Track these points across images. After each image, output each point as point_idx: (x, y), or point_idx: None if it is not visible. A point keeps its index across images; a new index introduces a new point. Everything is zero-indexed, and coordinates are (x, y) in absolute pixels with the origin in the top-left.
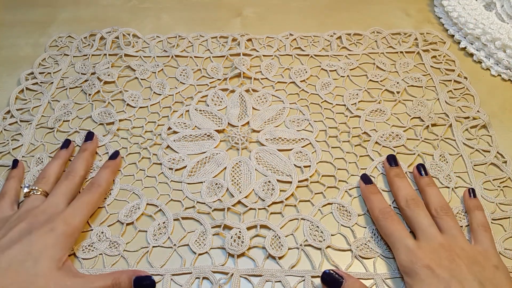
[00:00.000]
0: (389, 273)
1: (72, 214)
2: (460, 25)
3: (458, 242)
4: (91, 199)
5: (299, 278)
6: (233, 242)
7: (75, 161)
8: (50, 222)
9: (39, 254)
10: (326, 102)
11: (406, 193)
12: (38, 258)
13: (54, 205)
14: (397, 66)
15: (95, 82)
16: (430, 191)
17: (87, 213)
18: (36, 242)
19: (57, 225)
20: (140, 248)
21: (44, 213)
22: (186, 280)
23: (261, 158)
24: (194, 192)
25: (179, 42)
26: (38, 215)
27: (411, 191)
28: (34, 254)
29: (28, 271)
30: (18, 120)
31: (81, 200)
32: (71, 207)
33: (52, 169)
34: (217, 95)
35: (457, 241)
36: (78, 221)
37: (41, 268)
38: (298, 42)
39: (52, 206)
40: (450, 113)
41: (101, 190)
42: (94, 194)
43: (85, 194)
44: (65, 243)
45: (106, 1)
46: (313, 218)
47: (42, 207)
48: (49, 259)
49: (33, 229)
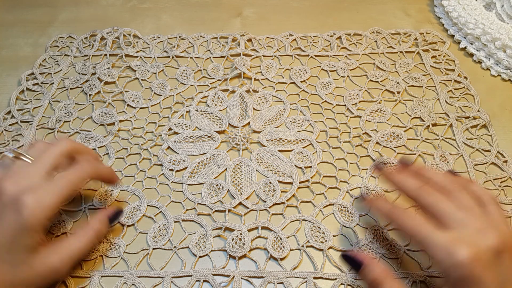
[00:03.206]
0: None
1: (47, 192)
2: (460, 25)
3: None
4: (76, 179)
5: (301, 279)
6: (235, 244)
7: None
8: (18, 199)
9: (10, 243)
10: (326, 103)
11: (412, 183)
12: (10, 249)
13: (29, 173)
14: (397, 66)
15: (95, 83)
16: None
17: (66, 194)
18: (5, 230)
19: (25, 205)
20: (140, 250)
21: (15, 181)
22: (187, 283)
23: (262, 159)
24: (194, 193)
25: (179, 43)
26: (7, 183)
27: (416, 181)
28: (4, 244)
29: (5, 263)
30: (18, 120)
31: (64, 178)
32: (49, 183)
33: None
34: (217, 95)
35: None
36: (53, 201)
37: (18, 257)
38: (298, 42)
39: (27, 174)
40: (450, 113)
41: (91, 172)
42: (81, 173)
43: (71, 172)
44: (35, 226)
45: (106, 1)
46: (315, 219)
47: (14, 173)
48: (22, 247)
49: (1, 211)
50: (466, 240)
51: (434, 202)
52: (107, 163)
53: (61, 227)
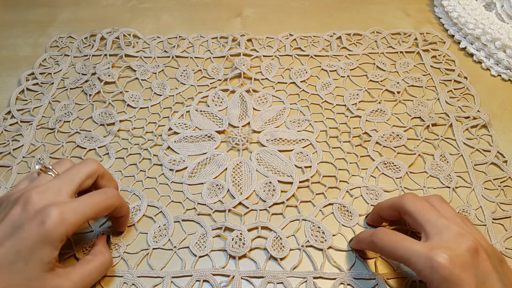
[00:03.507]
0: (390, 273)
1: (72, 209)
2: (460, 25)
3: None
4: (102, 203)
5: (301, 279)
6: (235, 244)
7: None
8: (43, 212)
9: (29, 254)
10: (326, 103)
11: (392, 199)
12: (29, 260)
13: (56, 189)
14: (397, 66)
15: (95, 83)
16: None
17: (89, 215)
18: (25, 239)
19: (50, 218)
20: (140, 250)
21: (42, 195)
22: (187, 283)
23: (262, 159)
24: (194, 193)
25: (179, 43)
26: (34, 196)
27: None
28: (24, 254)
29: (20, 273)
30: (18, 120)
31: (91, 198)
32: (76, 202)
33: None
34: (217, 95)
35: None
36: (76, 219)
37: (34, 271)
38: (298, 42)
39: (54, 190)
40: (450, 113)
41: (116, 200)
42: (107, 199)
43: (98, 194)
44: (56, 241)
45: (106, 1)
46: (315, 218)
47: (42, 187)
48: (40, 262)
49: (25, 219)
50: (444, 245)
51: (419, 209)
52: (107, 163)
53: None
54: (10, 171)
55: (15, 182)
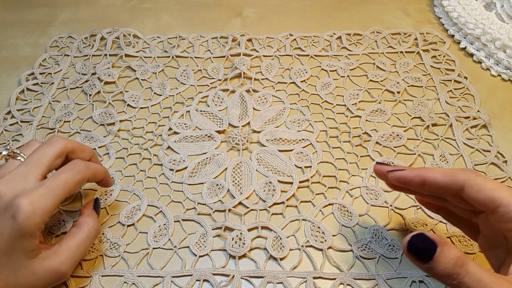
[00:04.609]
0: (390, 274)
1: (42, 195)
2: (460, 25)
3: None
4: (71, 179)
5: (300, 279)
6: (235, 244)
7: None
8: (13, 205)
9: (9, 249)
10: (326, 102)
11: (459, 176)
12: (10, 254)
13: (22, 176)
14: (397, 66)
15: (95, 83)
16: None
17: (61, 195)
18: (1, 237)
19: (21, 211)
20: (140, 249)
21: (9, 185)
22: (187, 282)
23: (262, 159)
24: (194, 193)
25: (179, 43)
26: (1, 187)
27: None
28: (3, 249)
29: (5, 266)
30: (18, 120)
31: (58, 179)
32: (44, 186)
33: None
34: (217, 95)
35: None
36: (48, 205)
37: (18, 262)
38: (298, 42)
39: (20, 177)
40: (450, 113)
41: (85, 172)
42: (75, 174)
43: (65, 172)
44: (33, 230)
45: (106, 1)
46: (314, 218)
47: (8, 176)
48: (22, 253)
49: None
50: None
51: (488, 183)
52: (107, 163)
53: (61, 227)
54: None
55: None
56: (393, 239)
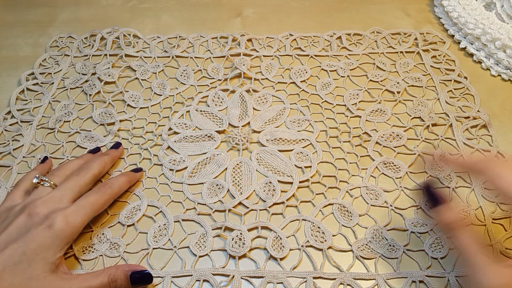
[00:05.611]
0: (390, 274)
1: (74, 212)
2: (460, 25)
3: None
4: (98, 200)
5: (300, 279)
6: (235, 244)
7: (93, 160)
8: (49, 218)
9: (34, 255)
10: (326, 102)
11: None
12: (32, 260)
13: (57, 198)
14: (397, 66)
15: (95, 83)
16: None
17: (90, 213)
18: (32, 241)
19: (56, 222)
20: (140, 249)
21: (46, 205)
22: (187, 283)
23: (262, 159)
24: (194, 193)
25: (179, 43)
26: (39, 206)
27: None
28: (28, 255)
29: (22, 273)
30: (18, 120)
31: (87, 199)
32: (75, 205)
33: (69, 165)
34: (217, 95)
35: None
36: (79, 221)
37: (35, 271)
38: (298, 42)
39: (56, 199)
40: (450, 113)
41: (111, 192)
42: (102, 195)
43: (93, 194)
44: (62, 244)
45: (106, 1)
46: (314, 219)
47: (45, 198)
48: (43, 262)
49: (31, 225)
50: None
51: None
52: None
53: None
54: (10, 171)
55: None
56: (393, 239)
